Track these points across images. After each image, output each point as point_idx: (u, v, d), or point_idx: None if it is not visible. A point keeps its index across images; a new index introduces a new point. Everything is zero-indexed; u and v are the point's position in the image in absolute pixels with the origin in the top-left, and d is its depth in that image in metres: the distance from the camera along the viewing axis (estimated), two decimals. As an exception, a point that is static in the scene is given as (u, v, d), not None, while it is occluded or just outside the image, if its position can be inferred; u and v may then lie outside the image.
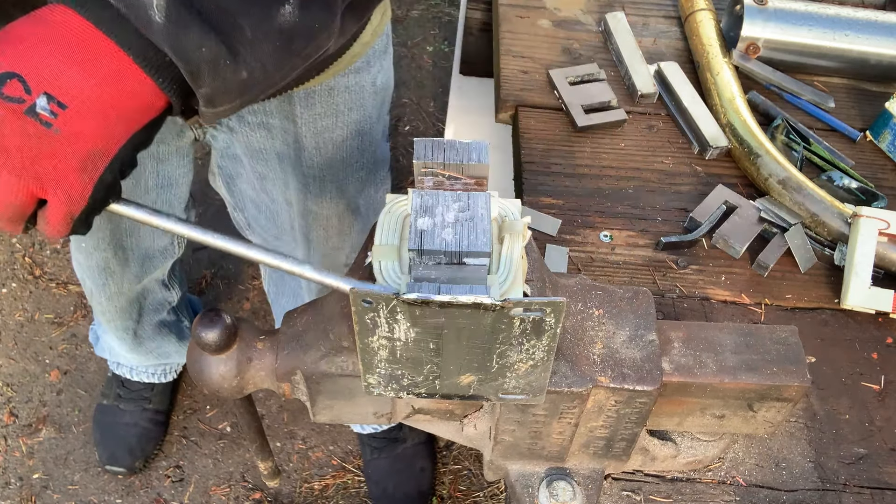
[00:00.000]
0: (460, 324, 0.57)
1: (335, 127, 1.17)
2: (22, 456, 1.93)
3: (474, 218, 0.58)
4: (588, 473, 0.82)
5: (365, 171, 1.28)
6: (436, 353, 0.61)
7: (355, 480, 1.95)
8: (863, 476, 0.92)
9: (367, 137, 1.23)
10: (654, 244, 1.11)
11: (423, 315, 0.56)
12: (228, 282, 2.25)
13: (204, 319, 0.67)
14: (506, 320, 0.57)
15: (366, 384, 0.66)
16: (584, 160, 1.21)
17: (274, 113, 1.12)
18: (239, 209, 1.38)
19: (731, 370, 0.73)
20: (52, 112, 0.59)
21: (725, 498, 0.88)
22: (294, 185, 1.23)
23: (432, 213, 0.59)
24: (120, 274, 1.46)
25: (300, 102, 1.10)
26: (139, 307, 1.63)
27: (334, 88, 1.12)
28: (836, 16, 1.31)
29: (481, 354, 0.61)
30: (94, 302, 1.59)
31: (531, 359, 0.61)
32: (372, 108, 1.20)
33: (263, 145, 1.17)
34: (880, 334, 1.05)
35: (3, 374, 2.04)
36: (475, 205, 0.59)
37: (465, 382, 0.64)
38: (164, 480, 1.93)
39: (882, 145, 1.26)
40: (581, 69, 1.30)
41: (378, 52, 1.15)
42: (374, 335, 0.59)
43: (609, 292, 0.75)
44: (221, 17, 0.62)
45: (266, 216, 1.34)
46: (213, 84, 0.64)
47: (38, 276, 2.21)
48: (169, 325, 1.76)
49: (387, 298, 0.55)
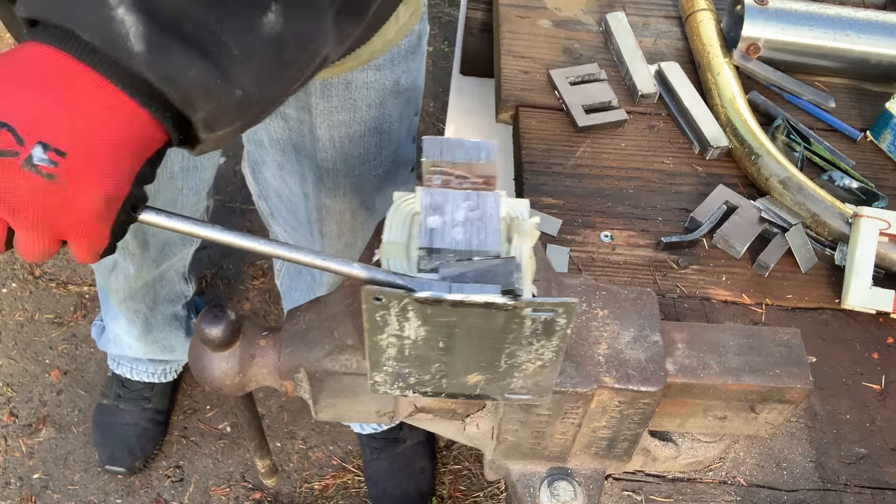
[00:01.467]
0: (471, 323, 0.57)
1: (352, 122, 1.15)
2: (22, 456, 1.93)
3: (484, 217, 0.58)
4: (589, 474, 0.82)
5: (383, 169, 1.26)
6: (445, 351, 0.60)
7: (355, 480, 1.95)
8: (864, 476, 0.92)
9: (387, 136, 1.21)
10: (654, 244, 1.11)
11: (435, 314, 0.56)
12: (229, 282, 2.25)
13: (208, 315, 0.67)
14: (517, 320, 0.56)
15: (372, 382, 0.65)
16: (585, 160, 1.21)
17: (290, 103, 1.10)
18: (263, 197, 1.38)
19: (734, 372, 0.73)
20: (52, 161, 0.54)
21: (726, 498, 0.88)
22: (311, 177, 1.22)
23: (442, 212, 0.58)
24: (140, 257, 1.46)
25: (316, 93, 1.09)
26: (154, 294, 1.62)
27: (352, 83, 1.10)
28: (836, 16, 1.31)
29: (490, 354, 0.61)
30: (109, 283, 1.56)
31: (540, 359, 0.61)
32: (393, 107, 1.18)
33: (280, 135, 1.16)
34: (881, 334, 1.05)
35: (3, 374, 2.04)
36: (485, 204, 0.59)
37: (472, 382, 0.64)
38: (164, 480, 1.93)
39: (882, 145, 1.27)
40: (581, 69, 1.30)
41: (404, 51, 1.13)
42: (383, 333, 0.59)
43: (613, 293, 0.75)
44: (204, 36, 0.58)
45: (287, 207, 1.34)
46: (208, 108, 0.60)
47: (38, 276, 2.21)
48: (181, 319, 1.76)
49: (399, 297, 0.55)
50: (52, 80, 0.55)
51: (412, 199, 0.62)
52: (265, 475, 0.92)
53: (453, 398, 0.67)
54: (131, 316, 1.66)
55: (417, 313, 0.56)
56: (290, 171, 1.24)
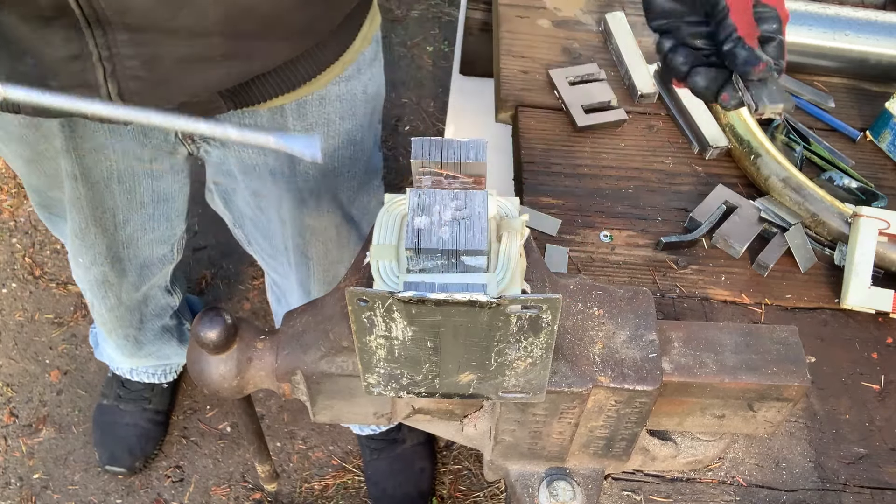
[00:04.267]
0: (457, 322, 0.57)
1: (327, 136, 1.15)
2: (22, 456, 1.93)
3: (471, 216, 0.58)
4: (588, 473, 0.82)
5: (357, 180, 1.27)
6: (434, 351, 0.60)
7: (355, 480, 1.95)
8: (863, 476, 0.92)
9: (359, 146, 1.22)
10: (654, 244, 1.11)
11: (420, 313, 0.56)
12: (228, 282, 2.25)
13: (204, 319, 0.67)
14: (502, 318, 0.57)
15: (365, 384, 0.66)
16: (584, 160, 1.21)
17: (266, 127, 1.09)
18: (238, 225, 1.37)
19: (732, 370, 0.73)
20: None
21: (725, 498, 0.88)
22: (288, 202, 1.21)
23: (429, 212, 0.58)
24: (118, 285, 1.45)
25: (292, 114, 1.09)
26: (140, 315, 1.62)
27: (325, 97, 1.10)
28: (836, 16, 1.31)
29: (479, 352, 0.61)
30: (94, 313, 1.58)
31: (529, 356, 0.61)
32: (363, 116, 1.19)
33: (256, 161, 1.16)
34: (880, 334, 1.05)
35: (3, 374, 2.04)
36: (472, 203, 0.59)
37: (465, 381, 0.64)
38: (164, 480, 1.93)
39: (882, 145, 1.26)
40: (581, 69, 1.30)
41: (368, 59, 1.14)
42: (371, 334, 0.59)
43: (609, 292, 0.75)
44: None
45: (263, 234, 1.34)
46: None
47: (38, 276, 2.21)
48: (171, 329, 1.75)
49: (382, 297, 0.55)
50: None
51: (402, 201, 0.62)
52: (266, 480, 0.92)
53: (448, 398, 0.66)
54: (120, 342, 1.67)
55: (403, 313, 0.56)
56: (266, 198, 1.23)
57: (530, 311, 0.56)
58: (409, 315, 0.56)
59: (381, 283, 0.58)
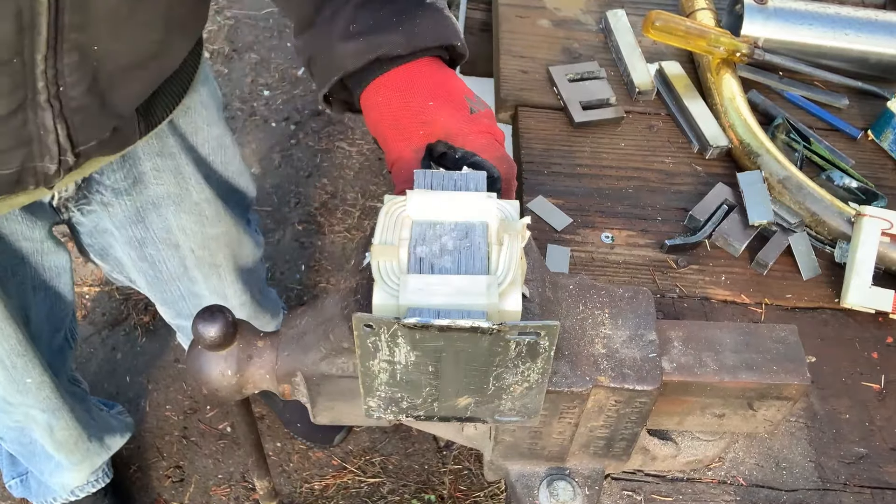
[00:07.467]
0: (458, 347, 0.58)
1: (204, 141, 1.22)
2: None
3: (472, 246, 0.61)
4: (588, 473, 0.82)
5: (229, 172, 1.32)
6: (434, 375, 0.62)
7: (355, 480, 1.95)
8: (863, 476, 0.92)
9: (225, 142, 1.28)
10: (654, 244, 1.11)
11: (423, 339, 0.57)
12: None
13: (204, 315, 0.67)
14: (502, 343, 0.58)
15: (366, 407, 0.66)
16: (584, 160, 1.21)
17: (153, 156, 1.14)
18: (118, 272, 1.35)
19: (731, 369, 0.73)
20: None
21: (726, 497, 0.88)
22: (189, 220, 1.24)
23: (431, 241, 0.61)
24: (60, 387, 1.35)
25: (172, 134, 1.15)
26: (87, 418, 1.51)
27: (190, 108, 1.16)
28: (836, 15, 1.31)
29: (478, 377, 0.62)
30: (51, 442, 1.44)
31: (526, 381, 0.62)
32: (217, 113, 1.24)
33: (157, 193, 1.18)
34: (880, 334, 1.05)
35: (4, 374, 2.04)
36: (473, 233, 0.61)
37: (463, 404, 0.65)
38: (164, 480, 1.93)
39: (884, 144, 1.26)
40: (581, 66, 1.30)
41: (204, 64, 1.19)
42: (375, 359, 0.60)
43: (609, 292, 0.75)
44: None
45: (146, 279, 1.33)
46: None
47: None
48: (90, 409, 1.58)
49: (388, 323, 0.56)
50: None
51: (402, 202, 0.63)
52: (264, 497, 0.91)
53: (445, 421, 0.68)
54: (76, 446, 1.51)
55: (407, 338, 0.57)
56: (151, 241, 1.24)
57: (528, 337, 0.57)
58: (413, 340, 0.58)
59: (382, 284, 0.58)
